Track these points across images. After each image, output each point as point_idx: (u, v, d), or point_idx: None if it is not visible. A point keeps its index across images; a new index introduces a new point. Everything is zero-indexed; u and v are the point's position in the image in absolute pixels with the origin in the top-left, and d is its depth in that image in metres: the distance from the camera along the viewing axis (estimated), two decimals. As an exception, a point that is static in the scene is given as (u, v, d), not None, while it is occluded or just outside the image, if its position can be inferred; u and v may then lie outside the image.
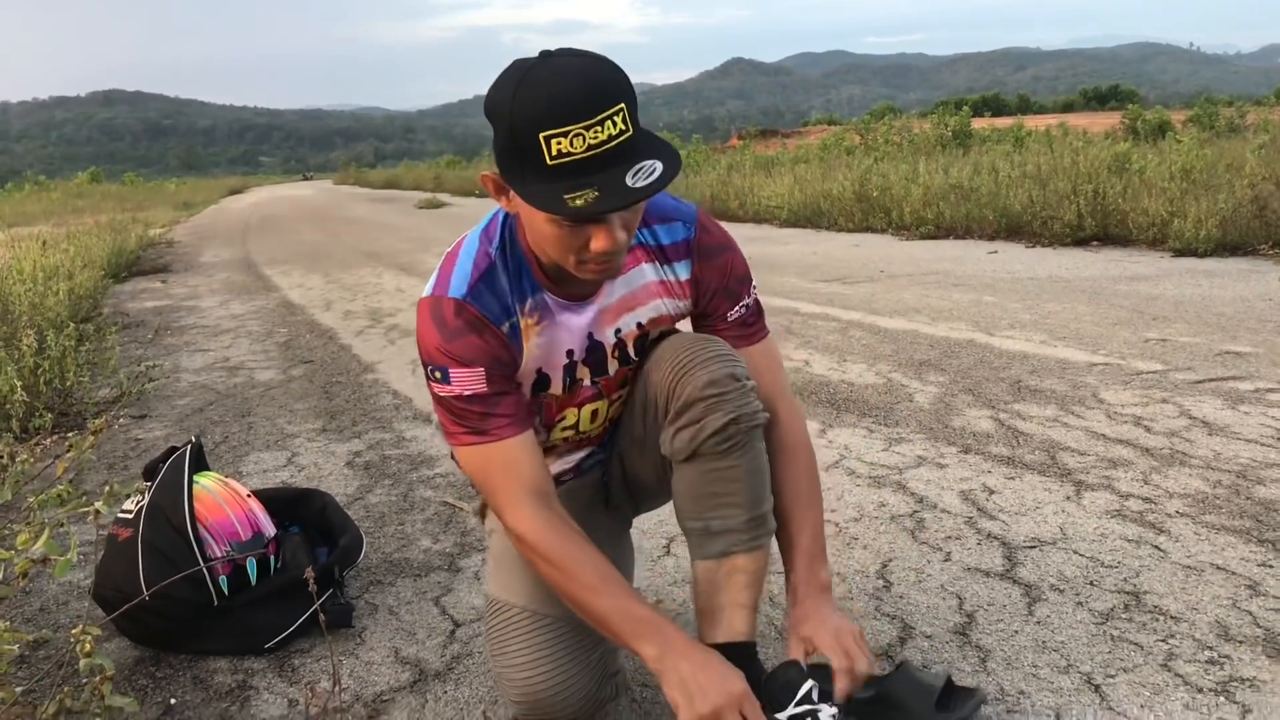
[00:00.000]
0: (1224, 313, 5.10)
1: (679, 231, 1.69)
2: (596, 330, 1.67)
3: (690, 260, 1.70)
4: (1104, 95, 56.71)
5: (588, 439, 1.80)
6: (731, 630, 1.61)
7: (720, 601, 1.61)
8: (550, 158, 1.35)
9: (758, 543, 1.62)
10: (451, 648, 2.16)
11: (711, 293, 1.72)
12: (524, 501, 1.57)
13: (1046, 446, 3.19)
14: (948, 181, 10.66)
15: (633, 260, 1.66)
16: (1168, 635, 2.00)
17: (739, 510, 1.60)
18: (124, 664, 2.17)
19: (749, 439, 1.59)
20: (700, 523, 1.62)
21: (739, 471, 1.59)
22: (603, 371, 1.71)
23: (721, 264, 1.72)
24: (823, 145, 21.34)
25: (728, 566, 1.61)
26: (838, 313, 5.85)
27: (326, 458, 3.60)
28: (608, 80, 1.37)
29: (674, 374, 1.60)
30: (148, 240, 14.71)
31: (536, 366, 1.65)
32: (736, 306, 1.74)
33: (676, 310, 1.73)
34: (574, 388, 1.70)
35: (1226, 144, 12.49)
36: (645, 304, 1.69)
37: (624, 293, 1.67)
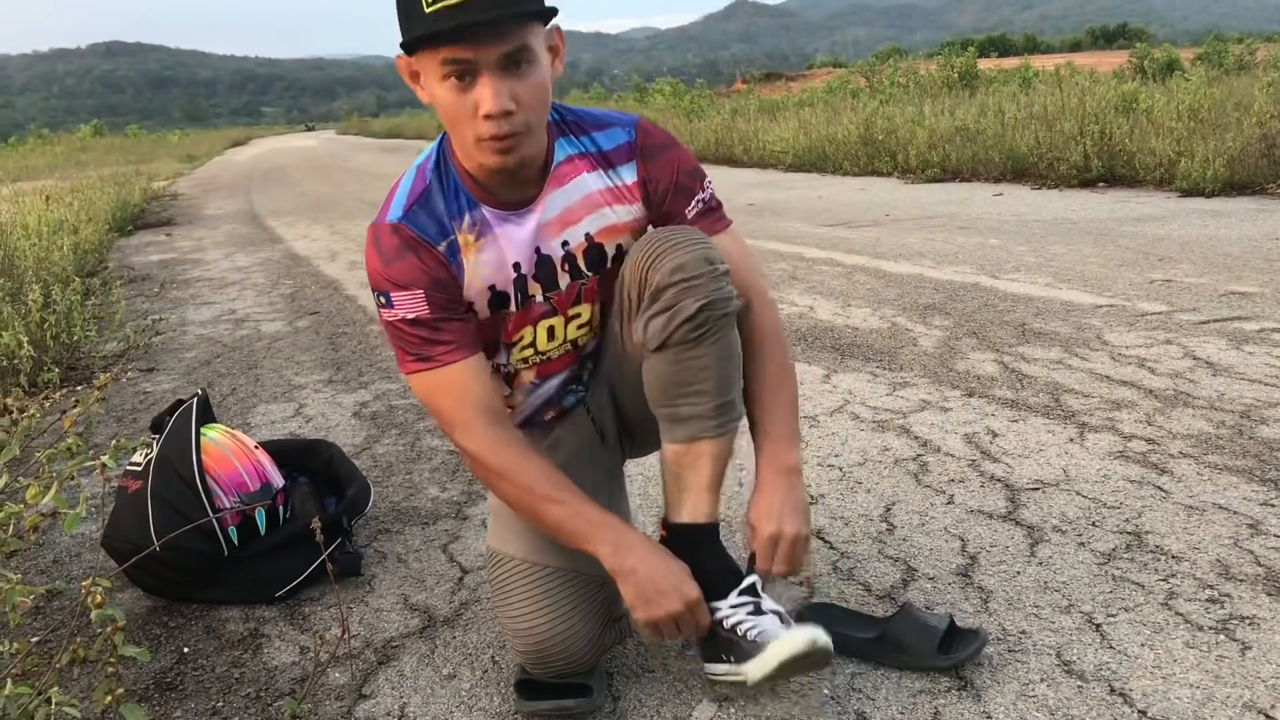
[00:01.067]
0: (1230, 253, 5.08)
1: (620, 136, 1.70)
2: (542, 243, 1.66)
3: (635, 161, 1.69)
4: (1112, 34, 56.02)
5: (550, 361, 1.79)
6: (695, 512, 1.65)
7: (685, 484, 1.65)
8: (427, 4, 1.41)
9: (724, 429, 1.63)
10: (459, 594, 2.19)
11: (664, 192, 1.71)
12: (473, 421, 1.60)
13: (1050, 389, 3.20)
14: (953, 124, 10.58)
15: (573, 170, 1.67)
16: (1169, 575, 2.01)
17: (707, 397, 1.60)
18: (137, 614, 2.20)
19: (722, 325, 1.59)
20: (669, 409, 1.63)
21: (710, 359, 1.58)
22: (554, 286, 1.69)
23: (667, 161, 1.71)
24: (828, 88, 21.15)
25: (694, 451, 1.63)
26: (842, 257, 5.83)
27: (334, 408, 3.62)
28: None
29: (645, 262, 1.59)
30: (151, 193, 14.68)
31: (489, 284, 1.65)
32: (693, 202, 1.72)
33: (629, 217, 1.71)
34: (527, 304, 1.69)
35: (1235, 82, 12.35)
36: (590, 214, 1.68)
37: (566, 203, 1.66)
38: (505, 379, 1.78)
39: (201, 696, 1.88)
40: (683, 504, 1.65)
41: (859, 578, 2.10)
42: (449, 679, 1.86)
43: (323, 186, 15.47)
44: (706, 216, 1.73)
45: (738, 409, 1.66)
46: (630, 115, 1.74)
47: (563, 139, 1.67)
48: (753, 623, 1.59)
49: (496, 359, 1.74)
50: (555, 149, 1.66)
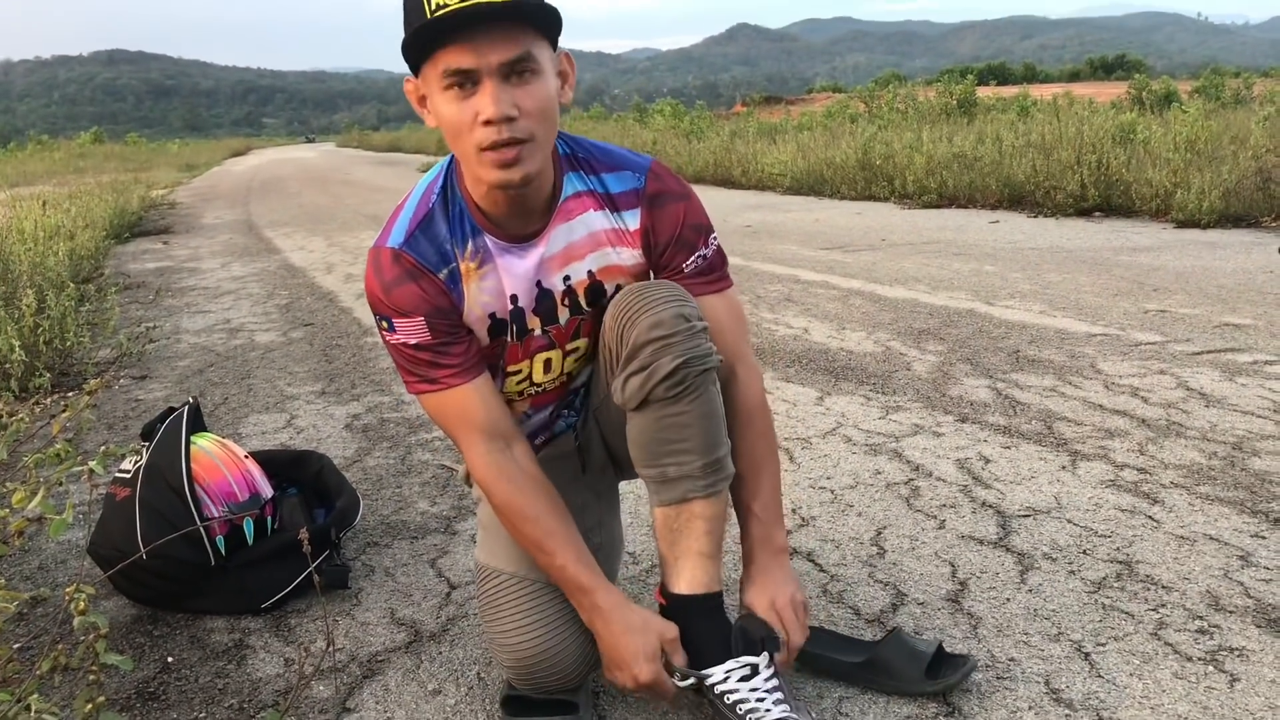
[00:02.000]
0: (1225, 285, 5.09)
1: (629, 180, 1.67)
2: (544, 277, 1.65)
3: (640, 209, 1.67)
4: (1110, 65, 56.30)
5: (544, 393, 1.78)
6: (694, 582, 1.62)
7: (681, 549, 1.62)
8: (430, 10, 1.41)
9: (715, 488, 1.60)
10: (447, 609, 2.18)
11: (664, 244, 1.68)
12: (477, 445, 1.62)
13: (1043, 416, 3.20)
14: (951, 150, 10.61)
15: (581, 206, 1.65)
16: (1159, 604, 2.01)
17: (694, 456, 1.58)
18: (122, 622, 2.18)
19: (701, 382, 1.56)
20: (656, 469, 1.60)
21: (692, 416, 1.56)
22: (553, 320, 1.68)
23: (672, 213, 1.68)
24: (827, 113, 21.22)
25: (686, 513, 1.60)
26: (838, 280, 5.84)
27: (325, 420, 3.61)
28: None
29: (622, 319, 1.57)
30: (150, 201, 14.68)
31: (489, 311, 1.64)
32: (693, 257, 1.69)
33: (631, 261, 1.69)
34: (525, 336, 1.68)
35: (1232, 115, 12.41)
36: (594, 251, 1.66)
37: (571, 239, 1.65)
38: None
39: (184, 707, 1.86)
40: (680, 572, 1.62)
41: (848, 601, 2.10)
42: (434, 694, 1.85)
43: (321, 198, 15.49)
44: (705, 275, 1.70)
45: (727, 467, 1.63)
46: (645, 159, 1.71)
47: (572, 173, 1.66)
48: (751, 704, 1.55)
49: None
50: (564, 183, 1.64)
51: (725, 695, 1.57)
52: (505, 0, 1.40)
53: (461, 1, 1.39)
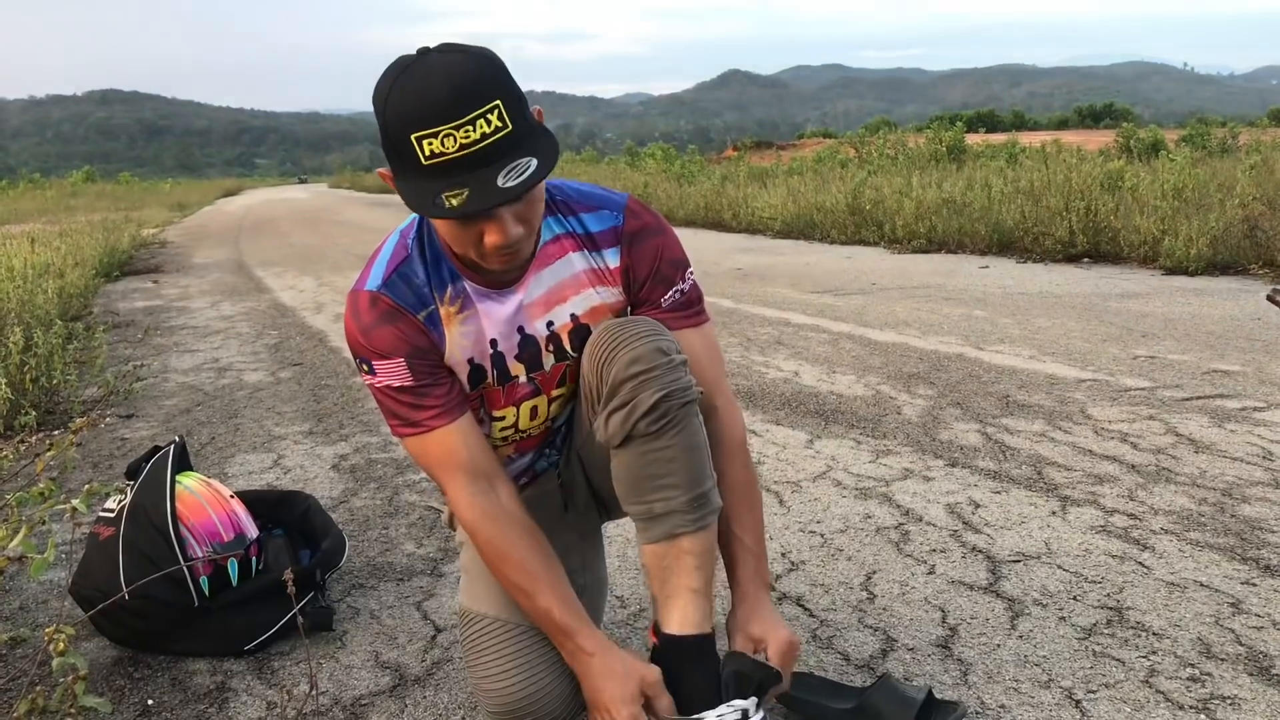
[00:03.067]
0: (1213, 331, 5.11)
1: (607, 219, 1.68)
2: (526, 323, 1.65)
3: (619, 247, 1.67)
4: (1099, 113, 56.88)
5: (530, 438, 1.77)
6: (685, 622, 1.60)
7: (671, 587, 1.60)
8: (424, 158, 1.37)
9: (703, 523, 1.59)
10: (432, 653, 2.15)
11: (642, 280, 1.69)
12: (462, 485, 1.62)
13: (1033, 461, 3.19)
14: (941, 196, 10.68)
15: (560, 250, 1.65)
16: (1150, 651, 1.99)
17: (679, 491, 1.56)
18: (102, 664, 2.15)
19: (684, 415, 1.55)
20: (642, 506, 1.59)
21: (676, 450, 1.55)
22: (538, 367, 1.69)
23: (651, 249, 1.68)
24: (817, 158, 21.36)
25: (675, 550, 1.58)
26: (828, 324, 5.85)
27: (313, 460, 3.59)
28: (480, 78, 1.37)
29: (600, 356, 1.57)
30: (140, 240, 14.69)
31: (468, 357, 1.64)
32: (670, 292, 1.70)
33: (612, 299, 1.70)
34: (508, 382, 1.68)
35: (1219, 164, 12.53)
36: (576, 294, 1.67)
37: (552, 283, 1.65)
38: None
39: (163, 751, 1.83)
40: (671, 611, 1.61)
41: (838, 646, 2.08)
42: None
43: (312, 238, 15.51)
44: (682, 310, 1.71)
45: (714, 500, 1.61)
46: (621, 196, 1.72)
47: (551, 218, 1.65)
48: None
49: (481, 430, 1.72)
50: (542, 229, 1.64)
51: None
52: (502, 134, 1.38)
53: (460, 151, 1.36)
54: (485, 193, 1.37)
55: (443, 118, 1.35)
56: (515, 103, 1.40)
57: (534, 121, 1.45)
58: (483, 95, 1.36)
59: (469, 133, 1.35)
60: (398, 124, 1.38)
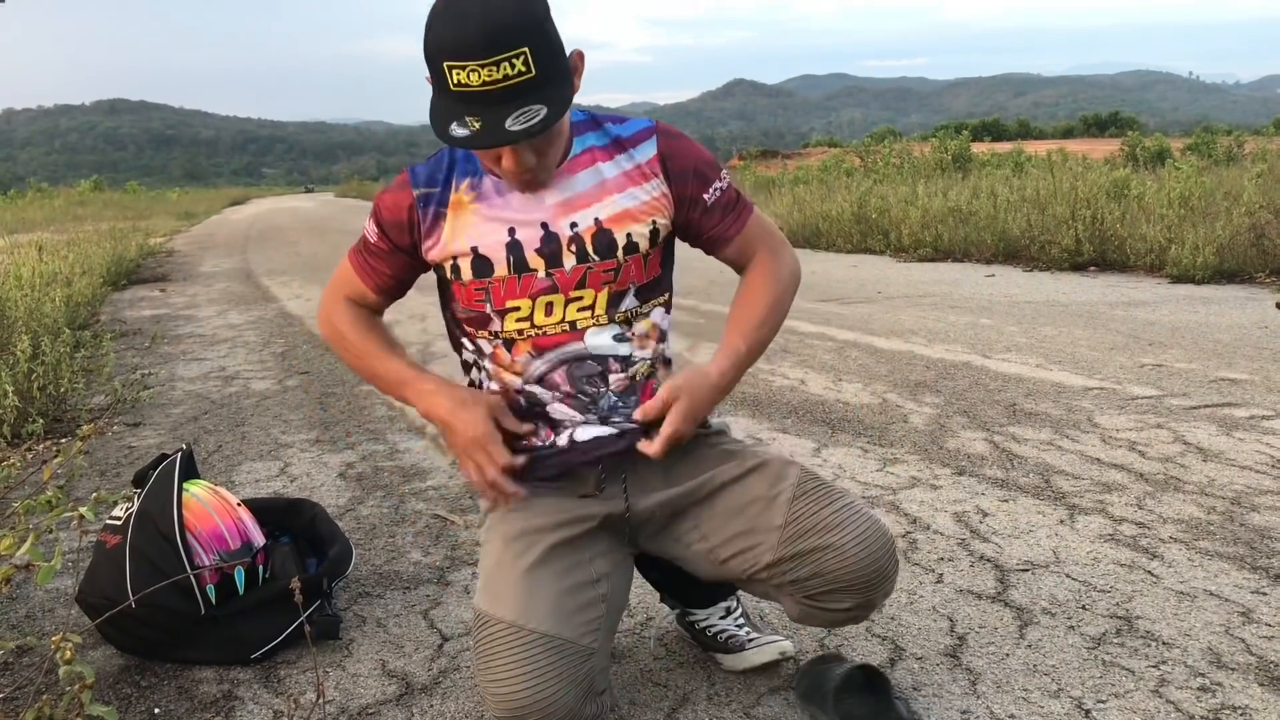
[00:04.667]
0: (1220, 339, 5.10)
1: (639, 124, 1.79)
2: (550, 220, 1.70)
3: (652, 140, 1.76)
4: (1104, 122, 56.78)
5: (545, 336, 1.76)
6: None
7: None
8: (452, 84, 1.49)
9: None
10: (439, 661, 2.15)
11: (684, 173, 1.77)
12: (342, 301, 1.87)
13: (1041, 470, 3.18)
14: (946, 204, 10.68)
15: (589, 159, 1.73)
16: (1160, 661, 1.99)
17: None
18: (109, 672, 2.15)
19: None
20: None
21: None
22: (557, 264, 1.71)
23: (686, 146, 1.79)
24: (823, 167, 21.39)
25: None
26: (834, 332, 5.85)
27: (319, 468, 3.59)
28: (514, 24, 1.47)
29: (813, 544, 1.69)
30: (148, 249, 14.71)
31: (471, 245, 1.71)
32: (711, 188, 1.79)
33: (648, 197, 1.74)
34: (523, 273, 1.72)
35: (1225, 172, 12.52)
36: (602, 199, 1.72)
37: (580, 189, 1.72)
38: (505, 345, 1.77)
39: (170, 760, 1.83)
40: None
41: (846, 655, 2.07)
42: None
43: (319, 247, 15.53)
44: (729, 211, 1.82)
45: None
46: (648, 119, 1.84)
47: (584, 134, 1.75)
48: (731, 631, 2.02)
49: (490, 326, 1.76)
50: (574, 142, 1.73)
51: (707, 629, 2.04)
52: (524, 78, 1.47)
53: (482, 85, 1.47)
54: (493, 131, 1.49)
55: (472, 54, 1.45)
56: (544, 49, 1.49)
57: (562, 67, 1.53)
58: (513, 40, 1.46)
59: (492, 72, 1.46)
60: (434, 48, 1.50)
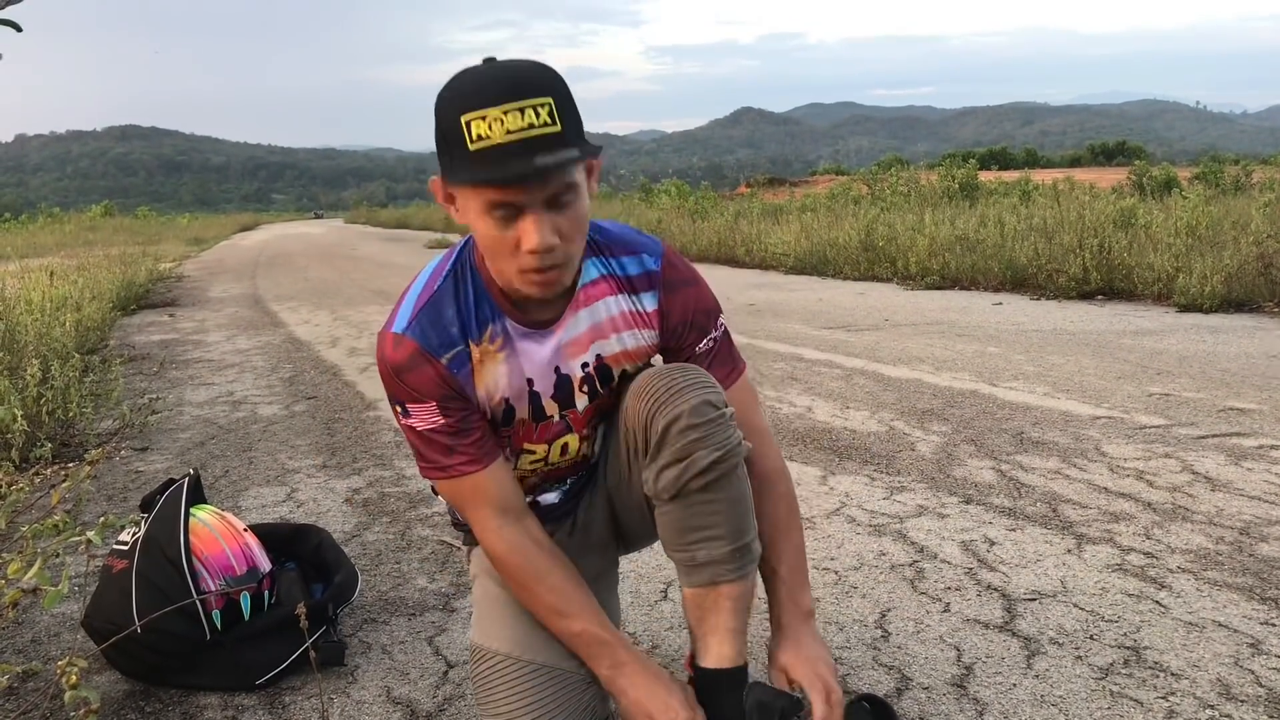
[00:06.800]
0: (1228, 369, 5.09)
1: (646, 263, 1.72)
2: (562, 363, 1.67)
3: (656, 292, 1.71)
4: (1111, 151, 56.91)
5: (557, 470, 1.79)
6: (720, 657, 1.63)
7: (709, 626, 1.64)
8: (471, 142, 1.39)
9: (743, 571, 1.63)
10: (444, 689, 2.14)
11: (678, 326, 1.73)
12: (491, 519, 1.65)
13: (1048, 499, 3.18)
14: (954, 232, 10.70)
15: (600, 292, 1.68)
16: (1168, 692, 1.97)
17: (723, 542, 1.60)
18: (114, 698, 2.15)
19: (733, 471, 1.60)
20: (685, 554, 1.63)
21: (722, 504, 1.59)
22: (570, 405, 1.71)
23: (686, 297, 1.73)
24: (830, 194, 21.43)
25: (714, 595, 1.62)
26: (841, 360, 5.85)
27: (326, 494, 3.59)
28: (535, 75, 1.43)
29: (651, 405, 1.59)
30: (157, 274, 14.78)
31: (503, 395, 1.66)
32: (705, 339, 1.75)
33: (646, 342, 1.73)
34: (543, 422, 1.70)
35: (1232, 201, 12.53)
36: (611, 335, 1.70)
37: (590, 324, 1.68)
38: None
39: (173, 786, 1.82)
40: (708, 647, 1.65)
41: (852, 685, 2.06)
42: (429, 776, 1.81)
43: (328, 273, 15.59)
44: (721, 364, 1.75)
45: (754, 550, 1.66)
46: (656, 242, 1.76)
47: (591, 260, 1.69)
48: None
49: None
50: (583, 269, 1.67)
51: None
52: (549, 131, 1.41)
53: (506, 136, 1.39)
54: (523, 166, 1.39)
55: (494, 100, 1.39)
56: (568, 105, 1.45)
57: (583, 137, 1.49)
58: (536, 89, 1.41)
59: (516, 119, 1.39)
60: (452, 108, 1.42)
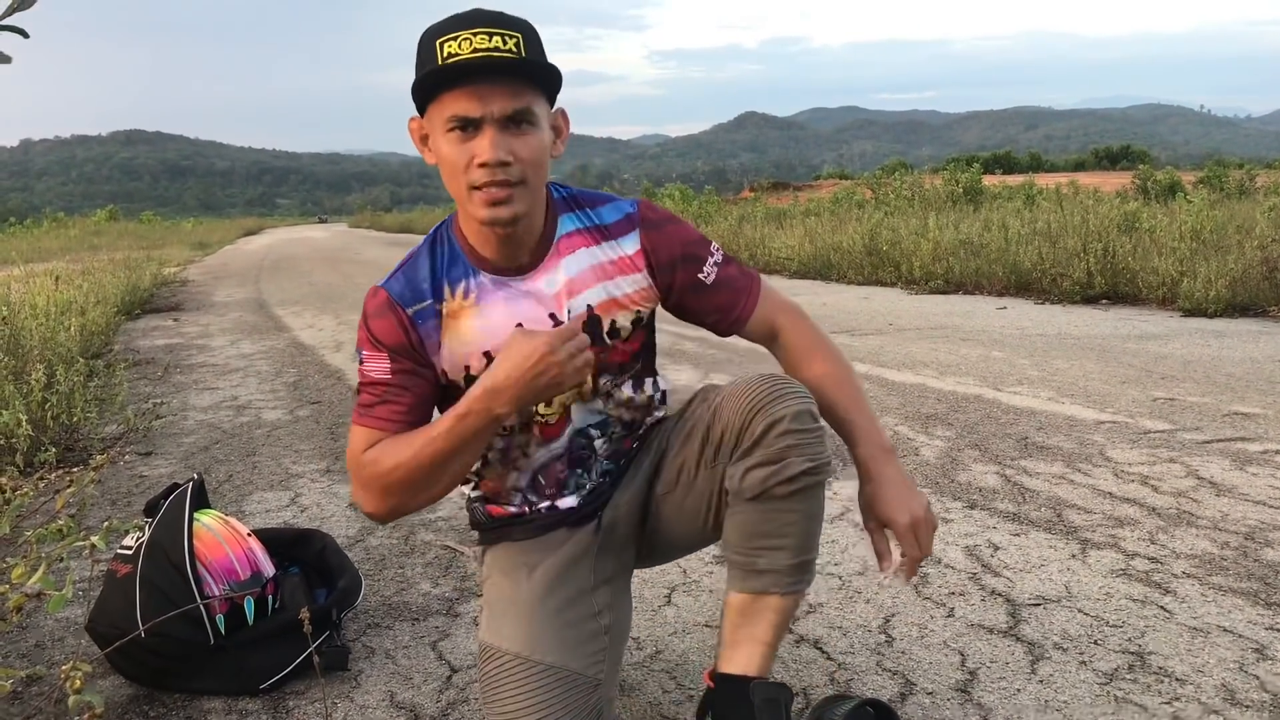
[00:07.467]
0: (1233, 373, 5.08)
1: (623, 208, 1.76)
2: (558, 310, 1.70)
3: (635, 232, 1.74)
4: (1115, 155, 56.87)
5: (549, 425, 1.78)
6: (749, 665, 1.64)
7: (744, 635, 1.65)
8: (441, 58, 1.51)
9: (797, 587, 1.65)
10: (447, 693, 2.14)
11: (672, 262, 1.75)
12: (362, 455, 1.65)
13: (1053, 504, 3.17)
14: (958, 237, 10.70)
15: (574, 244, 1.72)
16: (1173, 697, 1.97)
17: (788, 553, 1.62)
18: (118, 702, 2.15)
19: (818, 487, 1.62)
20: (747, 558, 1.64)
21: (797, 516, 1.61)
22: None
23: (670, 233, 1.76)
24: (834, 199, 21.46)
25: (761, 604, 1.63)
26: (846, 365, 5.83)
27: (329, 499, 3.59)
28: (511, 16, 1.54)
29: (753, 405, 1.62)
30: (162, 278, 14.80)
31: (483, 349, 1.68)
32: (704, 268, 1.77)
33: (633, 288, 1.74)
34: None
35: (1237, 205, 12.52)
36: (593, 285, 1.72)
37: (573, 272, 1.71)
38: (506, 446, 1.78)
39: (177, 791, 1.82)
40: (736, 655, 1.65)
41: (856, 690, 2.06)
42: (432, 781, 1.81)
43: (332, 277, 15.61)
44: (735, 287, 1.78)
45: (813, 570, 1.68)
46: (632, 198, 1.81)
47: (567, 214, 1.73)
48: None
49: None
50: (558, 223, 1.72)
51: None
52: (512, 57, 1.51)
53: (473, 53, 1.50)
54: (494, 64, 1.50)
55: (468, 24, 1.52)
56: (536, 46, 1.55)
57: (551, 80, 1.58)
58: (509, 22, 1.53)
59: (484, 40, 1.50)
60: (429, 35, 1.54)
